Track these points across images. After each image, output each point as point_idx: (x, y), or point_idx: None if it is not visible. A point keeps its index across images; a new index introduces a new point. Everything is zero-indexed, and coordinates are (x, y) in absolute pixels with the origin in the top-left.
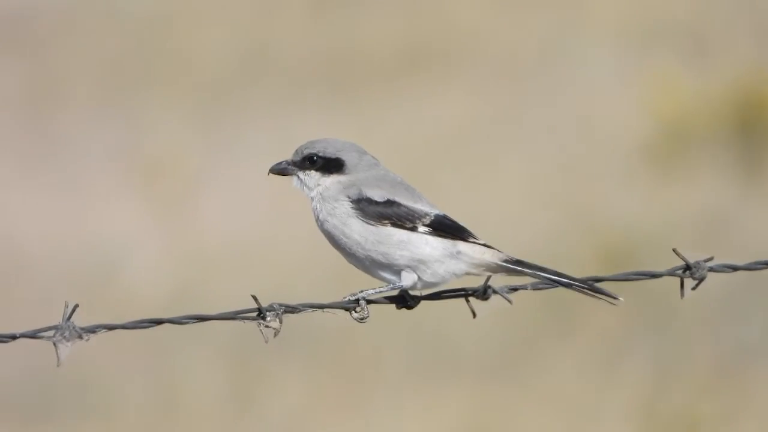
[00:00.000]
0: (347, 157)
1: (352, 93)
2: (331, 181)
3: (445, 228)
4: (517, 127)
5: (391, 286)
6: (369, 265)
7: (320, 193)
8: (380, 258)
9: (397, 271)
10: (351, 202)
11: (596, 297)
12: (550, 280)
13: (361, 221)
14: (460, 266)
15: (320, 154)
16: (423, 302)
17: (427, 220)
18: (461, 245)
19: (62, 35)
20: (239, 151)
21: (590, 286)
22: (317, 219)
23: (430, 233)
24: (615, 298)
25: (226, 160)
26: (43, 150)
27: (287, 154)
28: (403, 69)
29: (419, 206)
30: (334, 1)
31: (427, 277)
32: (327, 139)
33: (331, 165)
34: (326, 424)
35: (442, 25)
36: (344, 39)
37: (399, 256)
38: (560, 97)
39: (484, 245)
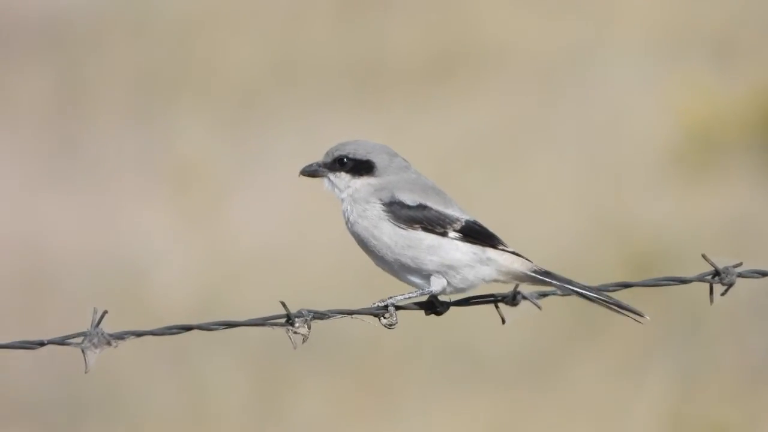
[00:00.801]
0: (378, 159)
1: (380, 99)
2: (362, 183)
3: (476, 234)
4: (546, 132)
5: (420, 291)
6: (398, 269)
7: (351, 195)
8: (409, 262)
9: (425, 275)
10: (383, 204)
11: (622, 313)
12: (577, 293)
13: (392, 224)
14: (489, 272)
15: (350, 156)
16: (450, 309)
17: (458, 226)
18: (491, 252)
19: (93, 42)
20: (268, 158)
21: (616, 302)
22: (347, 221)
23: (460, 239)
24: (641, 315)
25: (254, 166)
26: (71, 156)
27: (316, 161)
28: (431, 74)
29: (450, 211)
30: (362, 7)
31: (456, 282)
32: (357, 141)
33: (361, 167)
34: (351, 430)
35: (471, 31)
36: (372, 45)
37: (429, 260)
38: (589, 103)
39: (514, 253)
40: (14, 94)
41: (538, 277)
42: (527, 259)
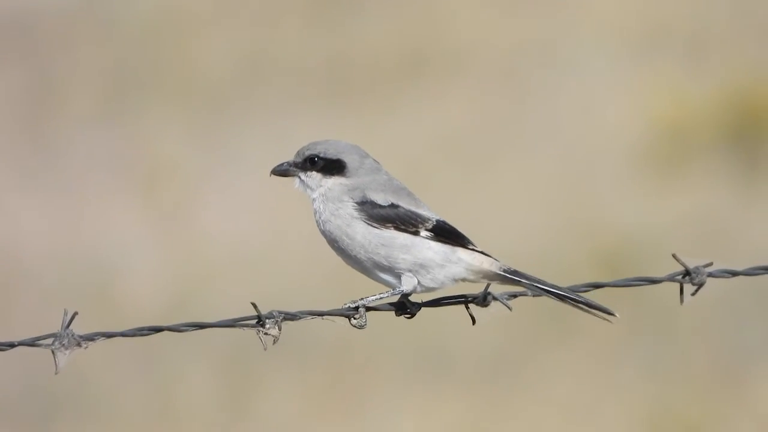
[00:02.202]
0: (348, 159)
1: (351, 98)
2: (333, 182)
3: (446, 233)
4: (516, 131)
5: (392, 291)
6: (370, 267)
7: (323, 194)
8: (383, 261)
9: (397, 274)
10: (355, 203)
11: (591, 312)
12: (546, 292)
13: (365, 224)
14: (458, 271)
15: (321, 155)
16: (421, 310)
17: (430, 225)
18: (461, 252)
19: (61, 42)
20: (239, 158)
21: (586, 301)
22: (319, 220)
23: (431, 238)
24: (611, 314)
25: (225, 167)
26: (41, 157)
27: (287, 160)
28: (401, 74)
29: (421, 211)
30: (331, 7)
31: (427, 282)
32: (328, 141)
33: (332, 166)
34: (322, 429)
35: (440, 30)
36: (343, 45)
37: (402, 259)
38: (560, 101)
39: (483, 253)
40: None
41: (508, 276)
42: (496, 259)
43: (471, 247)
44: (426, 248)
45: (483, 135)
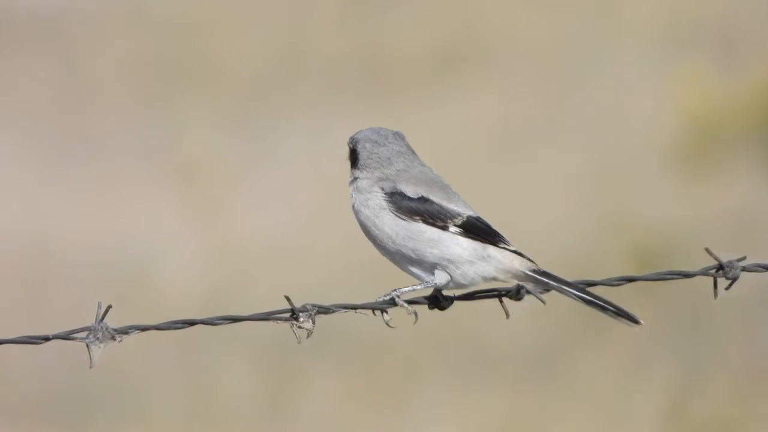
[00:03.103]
0: (359, 148)
1: (388, 94)
2: (365, 172)
3: (477, 230)
4: (551, 126)
5: (425, 284)
6: (399, 259)
7: (355, 183)
8: (410, 253)
9: (426, 268)
10: (384, 194)
11: (617, 319)
12: (574, 295)
13: (393, 215)
14: (488, 270)
15: (348, 144)
16: (458, 305)
17: (459, 221)
18: (491, 249)
19: (97, 35)
20: (275, 152)
21: (613, 307)
22: (353, 208)
23: (461, 234)
24: (636, 321)
25: (262, 160)
26: (77, 151)
27: (323, 156)
28: (438, 69)
29: (453, 206)
30: (366, 2)
31: (457, 277)
32: (363, 130)
33: (354, 156)
34: (361, 426)
35: (477, 25)
36: (379, 40)
37: (429, 253)
38: (593, 97)
39: (515, 252)
40: (19, 89)
41: (537, 277)
42: (528, 259)
43: (503, 245)
44: (454, 244)
45: (518, 130)
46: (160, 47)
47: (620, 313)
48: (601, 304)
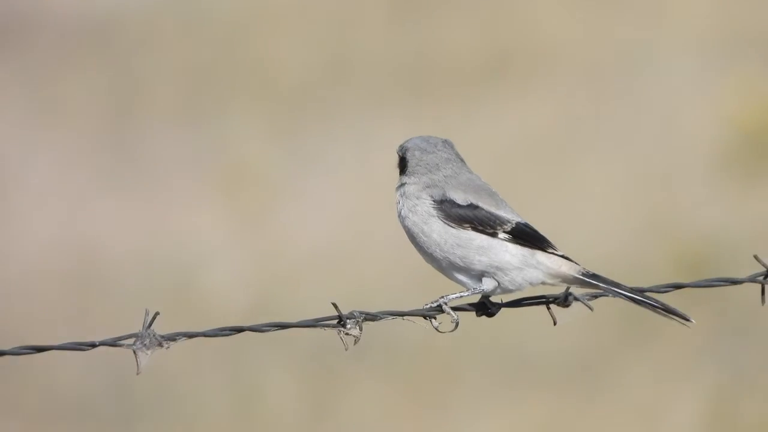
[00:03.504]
0: (408, 156)
1: (433, 99)
2: (406, 178)
3: (525, 236)
4: (598, 133)
5: (472, 291)
6: (446, 266)
7: (403, 190)
8: (458, 261)
9: (473, 275)
10: (433, 201)
11: (669, 317)
12: (625, 296)
13: (442, 222)
14: (537, 275)
15: (398, 152)
16: (500, 312)
17: (508, 227)
18: (540, 255)
19: (143, 43)
20: (321, 160)
21: (663, 305)
22: (399, 214)
23: (510, 240)
24: (687, 320)
25: (307, 168)
26: (123, 158)
27: (368, 162)
28: (486, 75)
29: (501, 212)
30: (413, 8)
31: (505, 284)
32: (414, 138)
33: (403, 163)
34: None
35: (523, 31)
36: (425, 45)
37: (477, 261)
38: (641, 104)
39: (563, 257)
40: (67, 96)
41: (586, 279)
42: (575, 263)
43: (551, 250)
44: (503, 251)
45: (565, 136)
46: (208, 54)
47: (670, 312)
48: (651, 303)
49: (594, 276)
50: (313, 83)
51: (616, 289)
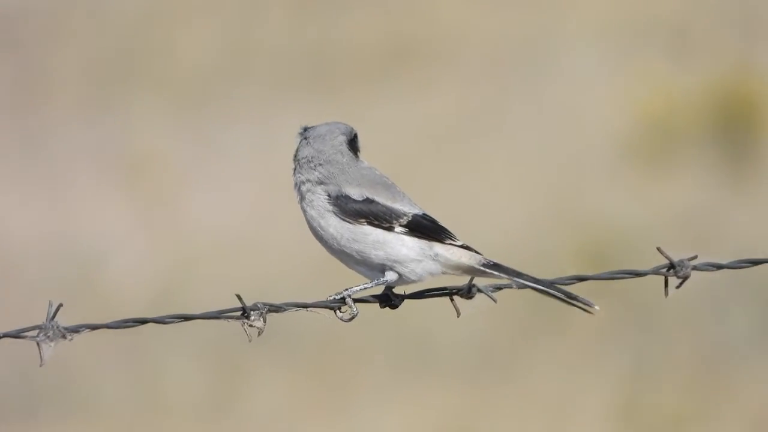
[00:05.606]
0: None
1: (336, 90)
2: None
3: (423, 229)
4: (502, 123)
5: (375, 282)
6: (345, 259)
7: (301, 183)
8: (355, 255)
9: (373, 267)
10: (328, 196)
11: (572, 304)
12: (527, 285)
13: (337, 218)
14: (436, 267)
15: (299, 136)
16: (406, 301)
17: (404, 221)
18: (438, 247)
19: (46, 34)
20: (224, 148)
21: (567, 293)
22: (300, 206)
23: (406, 233)
24: (591, 306)
25: (211, 156)
26: (27, 149)
27: (271, 152)
28: (387, 66)
29: (398, 206)
30: None
31: (407, 275)
32: (319, 126)
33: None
34: (309, 423)
35: (426, 22)
36: (328, 36)
37: (374, 255)
38: (545, 94)
39: (462, 246)
40: None
41: (487, 270)
42: (477, 252)
43: (449, 241)
44: (400, 245)
45: (467, 126)
46: (111, 46)
47: (573, 299)
48: (554, 291)
49: (495, 266)
50: (216, 73)
51: (518, 279)
